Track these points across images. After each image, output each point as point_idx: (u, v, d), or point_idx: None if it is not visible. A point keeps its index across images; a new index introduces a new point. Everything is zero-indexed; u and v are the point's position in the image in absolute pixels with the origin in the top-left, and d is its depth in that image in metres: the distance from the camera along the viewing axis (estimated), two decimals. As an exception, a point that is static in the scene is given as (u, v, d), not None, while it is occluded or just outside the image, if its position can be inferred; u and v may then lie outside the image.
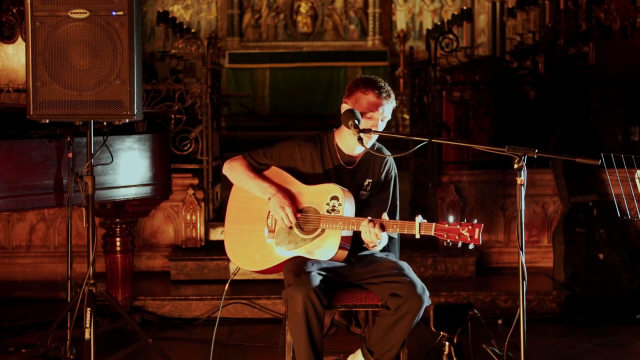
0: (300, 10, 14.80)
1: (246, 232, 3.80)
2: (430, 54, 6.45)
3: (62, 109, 3.76)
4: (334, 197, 3.63)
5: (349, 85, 3.80)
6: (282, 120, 12.44)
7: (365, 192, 3.81)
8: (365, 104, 3.69)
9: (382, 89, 3.71)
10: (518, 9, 11.28)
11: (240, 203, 3.85)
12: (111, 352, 4.27)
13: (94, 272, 3.94)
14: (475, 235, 3.39)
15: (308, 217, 3.68)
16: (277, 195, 3.69)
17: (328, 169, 3.78)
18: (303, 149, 3.80)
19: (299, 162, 3.80)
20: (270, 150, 3.84)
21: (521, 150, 3.26)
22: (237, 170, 3.84)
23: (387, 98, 3.71)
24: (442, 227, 3.43)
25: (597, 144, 6.46)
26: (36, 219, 6.11)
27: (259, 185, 3.75)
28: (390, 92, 3.75)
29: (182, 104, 6.23)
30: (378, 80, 3.75)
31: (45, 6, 3.74)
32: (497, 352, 4.20)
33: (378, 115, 3.68)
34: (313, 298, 3.47)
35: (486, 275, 6.03)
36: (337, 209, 3.62)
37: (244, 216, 3.83)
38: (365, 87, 3.71)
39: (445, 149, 6.87)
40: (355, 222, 3.59)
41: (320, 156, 3.80)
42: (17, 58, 6.23)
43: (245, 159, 3.86)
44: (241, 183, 3.84)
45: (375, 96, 3.69)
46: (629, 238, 6.16)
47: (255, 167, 3.83)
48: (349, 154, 3.81)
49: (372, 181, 3.82)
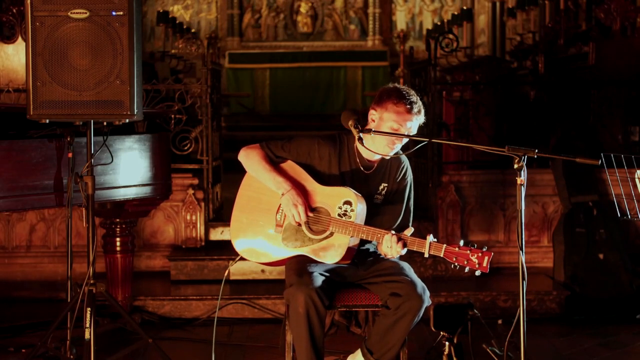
0: (300, 10, 14.79)
1: (254, 223, 3.78)
2: (430, 54, 6.45)
3: (62, 109, 3.76)
4: (347, 201, 3.60)
5: (381, 92, 3.69)
6: (282, 120, 12.43)
7: (379, 197, 3.77)
8: (394, 116, 3.60)
9: (414, 103, 3.61)
10: (518, 9, 11.27)
11: (252, 192, 3.82)
12: (111, 352, 4.27)
13: (94, 272, 3.93)
14: (484, 263, 3.39)
15: (319, 217, 3.66)
16: (291, 191, 3.66)
17: (344, 171, 3.75)
18: (322, 147, 3.76)
19: (316, 160, 3.77)
20: (289, 144, 3.79)
21: (521, 150, 3.26)
22: (254, 159, 3.78)
23: (417, 114, 3.62)
24: (452, 250, 3.42)
25: (597, 144, 6.46)
26: (36, 219, 6.12)
27: (274, 179, 3.71)
28: (422, 107, 3.65)
29: (182, 104, 6.22)
30: (412, 94, 3.65)
31: (45, 6, 3.73)
32: (497, 352, 4.20)
33: (404, 130, 3.61)
34: (315, 298, 3.47)
35: (486, 275, 5.98)
36: (348, 214, 3.59)
37: (253, 206, 3.80)
38: (399, 98, 3.61)
39: (445, 149, 6.87)
40: (366, 230, 3.57)
41: (338, 157, 3.76)
42: (17, 58, 6.23)
43: (263, 149, 3.81)
44: (256, 173, 3.79)
45: (407, 111, 3.60)
46: (629, 238, 6.16)
47: (272, 159, 3.79)
48: (367, 158, 3.77)
49: (387, 185, 3.78)
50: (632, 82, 6.88)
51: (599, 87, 6.90)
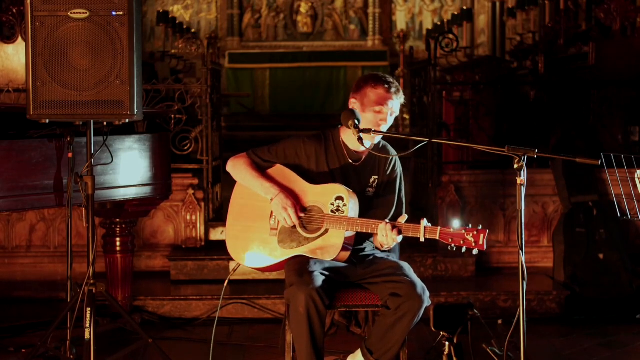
0: (300, 10, 14.79)
1: (248, 229, 3.79)
2: (430, 54, 6.45)
3: (62, 109, 3.76)
4: (339, 197, 3.63)
5: (357, 82, 3.81)
6: (282, 120, 12.43)
7: (371, 189, 3.80)
8: (374, 98, 3.70)
9: (391, 84, 3.74)
10: (518, 9, 11.27)
11: (243, 200, 3.84)
12: (111, 352, 4.27)
13: (94, 272, 3.93)
14: (480, 241, 3.41)
15: (312, 216, 3.68)
16: (280, 195, 3.68)
17: (333, 167, 3.78)
18: (308, 146, 3.80)
19: (304, 159, 3.80)
20: (275, 147, 3.83)
21: (521, 150, 3.26)
22: (240, 168, 3.83)
23: (396, 93, 3.73)
24: (447, 232, 3.45)
25: (597, 144, 6.46)
26: (36, 219, 6.11)
27: (262, 185, 3.75)
28: (400, 88, 3.77)
29: (182, 104, 6.22)
30: (387, 76, 3.78)
31: (45, 6, 3.73)
32: (497, 352, 4.20)
33: (387, 109, 3.70)
34: (315, 298, 3.47)
35: (486, 275, 6.03)
36: (341, 209, 3.61)
37: (246, 213, 3.82)
38: (375, 82, 3.73)
39: (445, 149, 6.87)
40: (360, 223, 3.59)
41: (325, 153, 3.79)
42: (17, 58, 6.23)
43: (250, 156, 3.85)
44: (245, 181, 3.83)
45: (385, 91, 3.71)
46: (629, 238, 6.16)
47: (260, 164, 3.83)
48: (355, 150, 3.81)
49: (378, 178, 3.81)
50: (632, 82, 6.88)
51: (599, 87, 6.90)
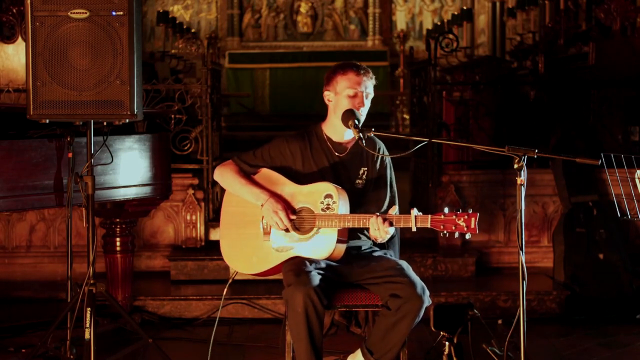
0: (300, 10, 14.79)
1: (242, 236, 3.80)
2: (430, 54, 6.45)
3: (62, 109, 3.76)
4: (327, 195, 3.63)
5: (326, 75, 3.87)
6: (282, 120, 12.42)
7: (361, 181, 3.81)
8: (346, 83, 3.74)
9: (360, 67, 3.78)
10: (518, 9, 11.27)
11: (234, 207, 3.85)
12: (111, 352, 4.26)
13: (94, 272, 3.93)
14: (472, 225, 3.43)
15: (303, 217, 3.68)
16: (269, 200, 3.69)
17: (320, 162, 3.79)
18: (292, 144, 3.82)
19: (289, 158, 3.81)
20: (260, 150, 3.85)
21: (521, 150, 3.26)
22: (228, 176, 3.84)
23: (366, 74, 3.77)
24: (438, 219, 3.48)
25: (597, 144, 6.46)
26: (36, 219, 6.11)
27: (251, 192, 3.76)
28: (369, 70, 3.81)
29: (182, 104, 6.23)
30: (353, 61, 3.83)
31: (45, 6, 3.73)
32: (497, 352, 4.19)
33: (361, 91, 3.73)
34: (313, 297, 3.47)
35: (486, 275, 6.03)
36: (331, 207, 3.62)
37: (238, 220, 3.82)
38: (343, 68, 3.79)
39: (445, 149, 6.87)
40: (351, 218, 3.60)
41: (310, 150, 3.81)
42: (17, 58, 6.23)
43: (236, 163, 3.86)
44: (233, 189, 3.84)
45: (355, 74, 3.75)
46: (629, 238, 6.16)
47: (247, 170, 3.84)
48: (339, 142, 3.83)
49: (367, 169, 3.82)
50: (632, 82, 6.88)
51: (599, 87, 6.89)
